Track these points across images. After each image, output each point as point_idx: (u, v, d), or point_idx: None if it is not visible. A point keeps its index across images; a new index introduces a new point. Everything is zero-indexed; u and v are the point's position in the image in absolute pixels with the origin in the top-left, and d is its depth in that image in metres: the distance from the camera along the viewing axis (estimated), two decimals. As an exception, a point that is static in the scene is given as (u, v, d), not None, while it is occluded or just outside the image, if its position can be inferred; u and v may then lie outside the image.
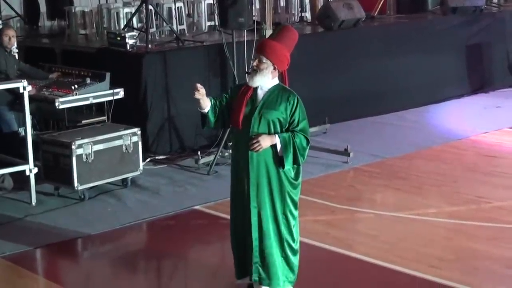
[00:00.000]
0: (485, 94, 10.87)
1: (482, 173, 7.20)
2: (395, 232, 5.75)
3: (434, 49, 10.32)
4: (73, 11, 9.89)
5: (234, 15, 7.54)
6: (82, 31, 9.92)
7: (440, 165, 7.48)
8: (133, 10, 9.37)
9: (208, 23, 10.26)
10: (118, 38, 8.00)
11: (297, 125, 4.33)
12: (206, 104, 4.40)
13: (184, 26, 9.97)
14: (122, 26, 9.24)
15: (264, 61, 4.29)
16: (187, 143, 8.07)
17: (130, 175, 6.88)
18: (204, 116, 4.44)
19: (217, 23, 9.60)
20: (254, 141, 4.27)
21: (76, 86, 7.07)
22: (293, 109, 4.32)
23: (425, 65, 10.22)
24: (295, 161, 4.33)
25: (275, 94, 4.34)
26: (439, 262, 5.13)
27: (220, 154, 7.54)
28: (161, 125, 7.89)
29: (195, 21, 10.62)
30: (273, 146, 4.31)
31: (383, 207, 6.36)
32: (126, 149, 6.78)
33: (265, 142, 4.28)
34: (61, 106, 6.92)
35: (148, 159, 7.59)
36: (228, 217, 6.07)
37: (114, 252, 5.67)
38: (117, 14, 9.64)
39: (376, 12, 11.19)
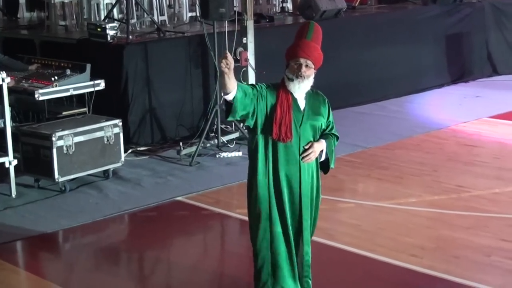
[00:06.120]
0: (465, 83, 10.94)
1: (462, 162, 7.26)
2: (376, 222, 5.78)
3: (415, 39, 10.36)
4: (52, 2, 9.77)
5: (215, 6, 7.52)
6: (62, 22, 9.82)
7: (421, 155, 7.53)
8: (113, 1, 9.30)
9: (189, 14, 10.23)
10: (99, 29, 7.94)
11: (332, 126, 4.15)
12: (232, 85, 3.79)
13: (165, 17, 9.93)
14: (102, 17, 9.17)
15: (311, 66, 4.01)
16: (168, 134, 8.05)
17: (111, 166, 6.85)
18: (230, 103, 3.84)
19: (198, 14, 9.58)
20: (310, 150, 3.98)
21: (56, 77, 7.02)
22: (329, 111, 4.12)
23: (405, 55, 10.26)
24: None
25: (313, 98, 4.07)
26: (420, 251, 5.18)
27: (202, 145, 7.53)
28: (143, 116, 7.86)
29: (176, 12, 10.58)
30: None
31: (364, 196, 6.40)
32: (108, 140, 6.75)
33: (318, 150, 4.02)
34: (41, 98, 6.87)
35: (130, 151, 7.56)
36: (211, 208, 6.14)
37: (95, 244, 5.65)
38: (97, 5, 9.57)
39: (357, 3, 11.22)
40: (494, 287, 4.66)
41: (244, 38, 7.95)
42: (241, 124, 7.67)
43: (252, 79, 8.03)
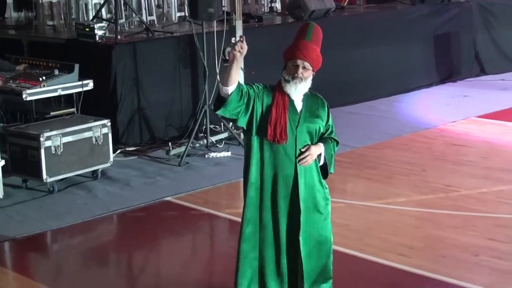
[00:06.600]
0: (453, 83, 10.99)
1: (450, 162, 7.29)
2: (365, 221, 5.80)
3: (403, 39, 10.40)
4: (40, 1, 9.73)
5: (204, 6, 7.52)
6: (50, 22, 9.79)
7: (409, 154, 7.56)
8: (101, 1, 9.29)
9: (178, 14, 10.23)
10: (87, 29, 7.92)
11: (332, 130, 4.04)
12: (235, 79, 3.72)
13: (153, 17, 9.92)
14: (90, 17, 9.16)
15: (308, 67, 3.88)
16: (157, 134, 8.04)
17: (100, 167, 6.84)
18: (224, 97, 3.73)
19: (187, 14, 9.57)
20: (307, 153, 3.85)
21: (44, 77, 6.99)
22: (328, 114, 4.00)
23: (394, 54, 10.29)
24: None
25: (311, 100, 3.96)
26: (408, 250, 5.20)
27: (191, 145, 7.53)
28: (131, 117, 7.85)
29: (165, 11, 10.57)
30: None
31: (353, 196, 6.41)
32: (96, 140, 6.74)
33: (315, 153, 3.88)
34: (29, 98, 6.83)
35: (119, 151, 7.54)
36: (200, 208, 6.14)
37: (84, 245, 5.64)
38: (86, 5, 9.55)
39: (346, 3, 11.25)
40: (481, 286, 4.68)
41: (233, 38, 7.91)
42: (230, 123, 7.67)
43: (241, 79, 8.02)
